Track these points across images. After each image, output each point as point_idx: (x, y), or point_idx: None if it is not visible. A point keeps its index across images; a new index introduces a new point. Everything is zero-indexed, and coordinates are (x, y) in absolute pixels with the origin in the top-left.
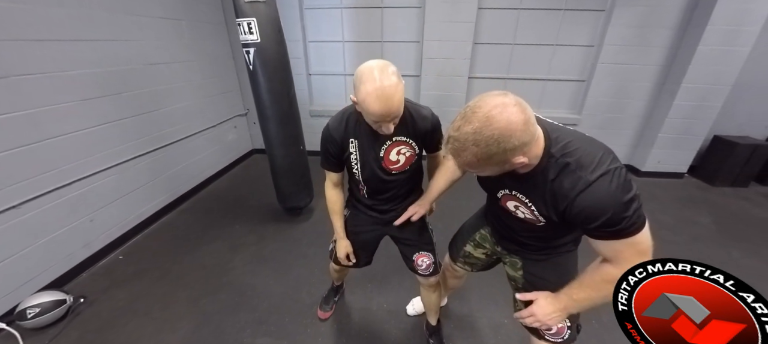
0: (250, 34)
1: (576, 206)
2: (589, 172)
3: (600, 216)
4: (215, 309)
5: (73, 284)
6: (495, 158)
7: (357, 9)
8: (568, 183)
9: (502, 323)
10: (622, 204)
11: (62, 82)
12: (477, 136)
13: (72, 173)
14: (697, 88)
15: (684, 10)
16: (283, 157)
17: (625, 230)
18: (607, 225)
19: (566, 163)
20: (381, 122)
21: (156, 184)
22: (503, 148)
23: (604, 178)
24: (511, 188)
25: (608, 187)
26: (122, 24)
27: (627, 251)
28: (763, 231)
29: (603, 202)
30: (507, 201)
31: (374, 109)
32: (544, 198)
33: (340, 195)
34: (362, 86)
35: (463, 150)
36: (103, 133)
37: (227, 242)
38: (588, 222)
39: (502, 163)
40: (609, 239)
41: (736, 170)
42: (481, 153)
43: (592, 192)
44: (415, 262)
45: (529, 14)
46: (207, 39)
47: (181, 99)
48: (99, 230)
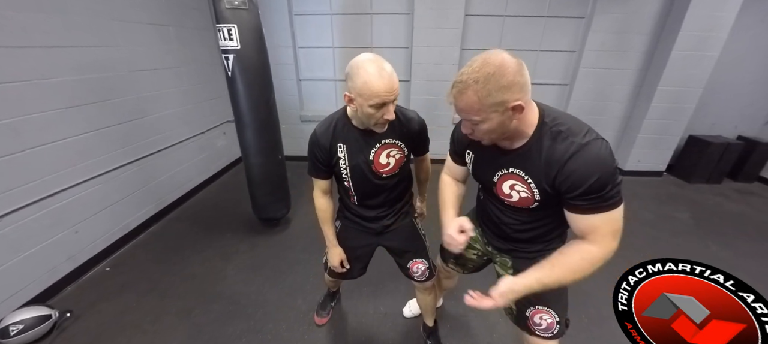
0: (230, 41)
1: (567, 169)
2: (581, 137)
3: (587, 179)
4: (208, 320)
5: (58, 298)
6: (494, 95)
7: (346, 15)
8: (561, 148)
9: (497, 322)
10: (609, 169)
11: (44, 90)
12: (477, 74)
13: (55, 183)
14: (672, 91)
15: (658, 17)
16: (259, 165)
17: (607, 200)
18: (591, 191)
19: (559, 130)
20: (385, 103)
21: (143, 193)
22: (500, 85)
23: (594, 143)
24: (509, 166)
25: (598, 151)
26: (107, 30)
27: (603, 227)
28: (737, 225)
29: (593, 164)
30: (504, 182)
31: (378, 87)
32: (540, 169)
33: (329, 203)
34: (360, 71)
35: (466, 89)
36: (88, 141)
37: (219, 251)
38: (575, 187)
39: (501, 104)
40: (589, 211)
41: (711, 167)
42: (481, 90)
43: (584, 154)
44: (411, 270)
45: (513, 21)
46: (195, 45)
47: (169, 106)
48: (84, 242)
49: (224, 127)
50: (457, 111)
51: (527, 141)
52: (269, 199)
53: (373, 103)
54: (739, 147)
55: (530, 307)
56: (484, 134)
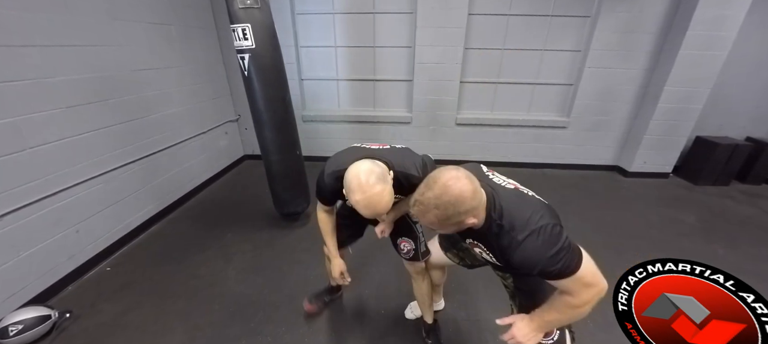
0: (245, 40)
1: (514, 260)
2: (519, 232)
3: (534, 267)
4: (208, 321)
5: (58, 298)
6: (452, 219)
7: (349, 14)
8: (505, 242)
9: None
10: (547, 258)
11: (46, 89)
12: (437, 201)
13: (56, 183)
14: (679, 91)
15: (665, 17)
16: (279, 162)
17: (561, 273)
18: (543, 273)
19: (501, 225)
20: None
21: (145, 193)
22: (457, 211)
23: (530, 238)
24: (474, 238)
25: (534, 245)
26: (109, 29)
27: (572, 285)
28: (745, 228)
29: (532, 257)
30: (474, 247)
31: (364, 214)
32: (495, 251)
33: (331, 218)
34: (352, 195)
35: (427, 211)
36: (90, 140)
37: (220, 251)
38: (529, 271)
39: (458, 224)
40: (552, 280)
41: (718, 169)
42: (441, 214)
43: (523, 250)
44: (399, 246)
45: (517, 20)
46: (197, 44)
47: (171, 105)
48: (85, 241)
49: (226, 127)
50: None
51: (481, 228)
52: (290, 194)
53: None
54: (748, 148)
55: None
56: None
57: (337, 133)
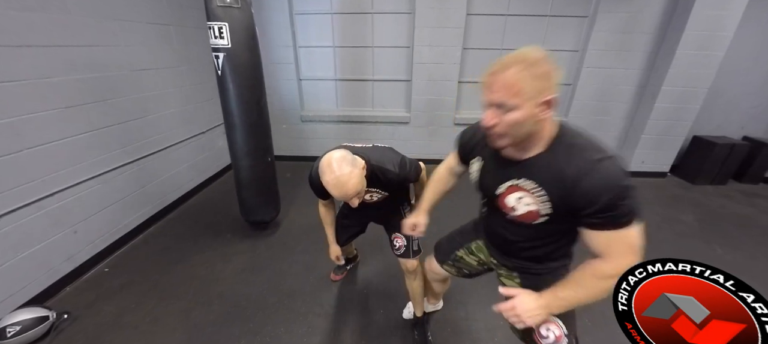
0: (221, 39)
1: (581, 186)
2: (595, 154)
3: (600, 197)
4: (207, 321)
5: (56, 299)
6: (533, 81)
7: (347, 14)
8: (575, 164)
9: (498, 325)
10: (621, 187)
11: (44, 90)
12: (521, 56)
13: (55, 183)
14: (677, 91)
15: (662, 17)
16: (248, 168)
17: (620, 218)
18: (605, 208)
19: (574, 144)
20: (346, 200)
21: (144, 193)
22: (542, 71)
23: (608, 161)
24: (519, 175)
25: (611, 170)
26: (107, 29)
27: (618, 244)
28: (743, 227)
29: (605, 183)
30: (510, 194)
31: (334, 194)
32: (552, 181)
33: (329, 211)
34: (323, 176)
35: (509, 67)
36: (88, 141)
37: (219, 251)
38: (589, 204)
39: (537, 94)
40: (603, 228)
41: (715, 169)
42: (524, 71)
43: (597, 171)
44: (393, 241)
45: (516, 20)
46: (195, 44)
47: (169, 105)
48: (83, 242)
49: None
50: (490, 92)
51: (542, 151)
52: (257, 202)
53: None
54: (745, 148)
55: None
56: (510, 125)
57: (335, 133)
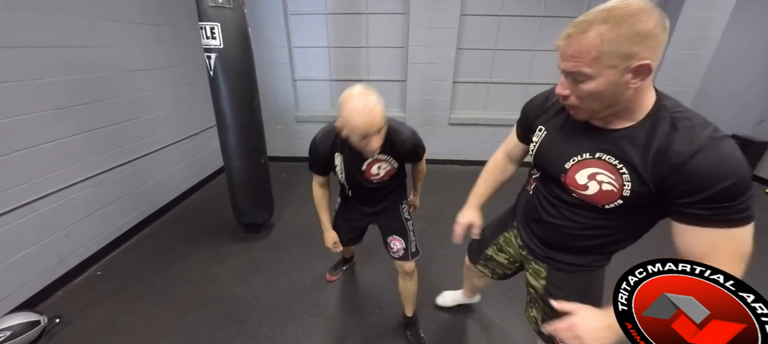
0: (213, 39)
1: (691, 165)
2: (711, 130)
3: (719, 181)
4: (203, 323)
5: (47, 304)
6: (620, 44)
7: (342, 15)
8: (684, 138)
9: (492, 323)
10: (745, 175)
11: (35, 91)
12: (608, 13)
13: (46, 186)
14: (667, 91)
15: None
16: (241, 169)
17: (736, 214)
18: (720, 198)
19: (683, 117)
20: (367, 136)
21: (137, 195)
22: (634, 31)
23: (728, 141)
24: (599, 150)
25: (735, 153)
26: (99, 30)
27: (727, 247)
28: None
29: (727, 165)
30: (581, 169)
31: (359, 122)
32: (647, 158)
33: (325, 192)
34: (346, 105)
35: (589, 28)
36: (80, 142)
37: (214, 252)
38: (699, 189)
39: (625, 59)
40: (711, 224)
41: None
42: (608, 32)
43: (718, 150)
44: (389, 245)
45: (509, 20)
46: (189, 45)
47: (163, 106)
48: (75, 245)
49: None
50: (563, 58)
51: (635, 123)
52: (250, 204)
53: (356, 135)
54: None
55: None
56: (585, 96)
57: None
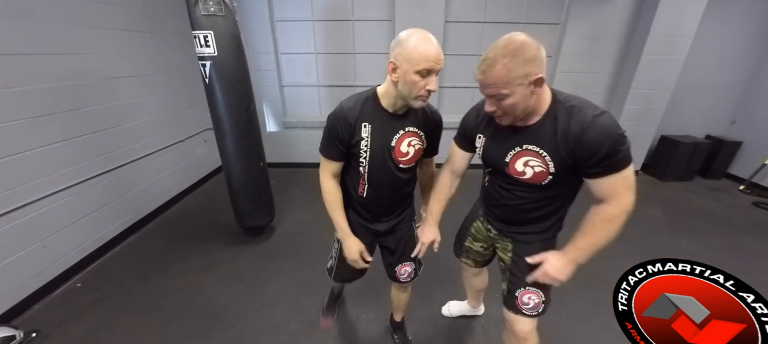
0: (207, 47)
1: (585, 139)
2: (592, 111)
3: (602, 146)
4: (186, 334)
5: (23, 318)
6: (519, 69)
7: (328, 22)
8: (576, 121)
9: (478, 323)
10: (619, 135)
11: (11, 99)
12: (504, 49)
13: (23, 196)
14: (644, 93)
15: (628, 23)
16: (240, 173)
17: (621, 161)
18: (607, 156)
19: (572, 105)
20: (432, 71)
21: (118, 204)
22: (525, 58)
23: (604, 115)
24: (524, 143)
25: (609, 122)
26: (79, 37)
27: (620, 184)
28: (706, 220)
29: (605, 132)
30: (517, 160)
31: (428, 51)
32: (556, 142)
33: (338, 187)
34: (412, 38)
35: (495, 63)
36: (58, 151)
37: (198, 262)
38: (593, 154)
39: (525, 78)
40: (606, 174)
41: (682, 166)
42: (509, 63)
43: (597, 125)
44: (398, 272)
45: (492, 27)
46: (174, 51)
47: (146, 113)
48: (53, 257)
49: (205, 135)
50: (484, 87)
51: (541, 117)
52: (252, 208)
53: (420, 68)
54: (708, 146)
55: (520, 288)
56: (507, 109)
57: (319, 140)
